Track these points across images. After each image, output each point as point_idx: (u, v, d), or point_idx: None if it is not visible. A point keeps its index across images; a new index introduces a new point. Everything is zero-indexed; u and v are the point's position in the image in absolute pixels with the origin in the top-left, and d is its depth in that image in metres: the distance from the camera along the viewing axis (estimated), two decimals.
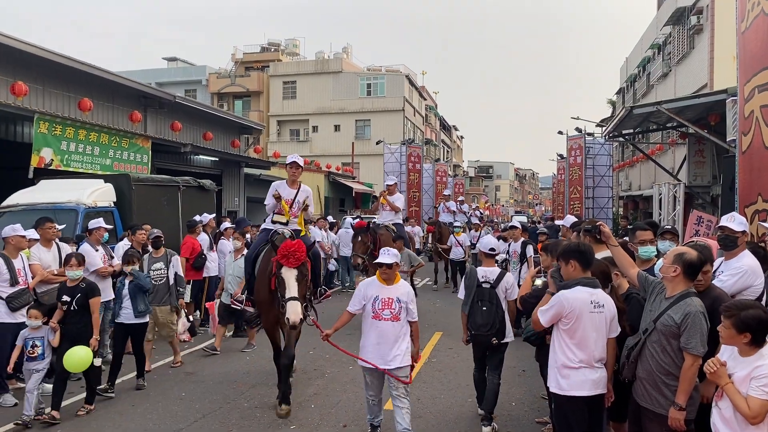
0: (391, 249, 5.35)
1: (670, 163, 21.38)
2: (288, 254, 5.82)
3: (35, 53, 13.31)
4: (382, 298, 5.25)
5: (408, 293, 5.36)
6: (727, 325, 3.29)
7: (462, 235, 15.86)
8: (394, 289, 5.30)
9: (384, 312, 5.22)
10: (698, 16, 19.19)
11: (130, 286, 7.30)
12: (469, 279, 6.27)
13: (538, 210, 64.00)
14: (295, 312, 5.61)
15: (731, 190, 8.26)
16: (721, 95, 11.29)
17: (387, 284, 5.31)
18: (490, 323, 5.99)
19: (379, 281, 5.34)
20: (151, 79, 35.48)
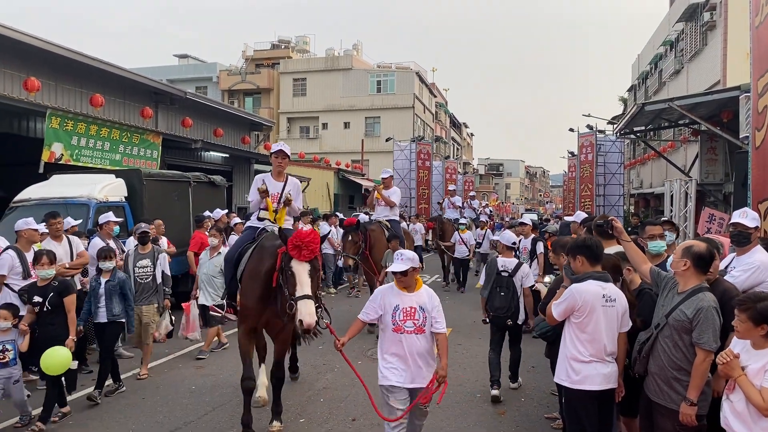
0: (405, 252, 4.63)
1: (682, 161, 21.23)
2: (301, 245, 5.00)
3: (48, 49, 13.40)
4: (403, 307, 4.54)
5: (432, 299, 4.62)
6: (743, 319, 3.26)
7: (467, 233, 15.19)
8: (416, 297, 4.60)
9: (406, 324, 4.52)
10: (711, 13, 19.01)
11: (106, 285, 6.80)
12: (489, 267, 7.16)
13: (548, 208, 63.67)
14: (310, 313, 4.82)
15: (744, 187, 8.19)
16: (734, 92, 11.19)
17: (408, 291, 4.63)
18: (506, 306, 6.89)
19: (398, 288, 4.65)
20: (163, 75, 35.58)
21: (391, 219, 11.13)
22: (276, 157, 6.35)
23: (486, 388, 7.11)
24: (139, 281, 7.56)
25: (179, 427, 5.98)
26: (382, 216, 11.14)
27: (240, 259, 6.03)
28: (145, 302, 7.56)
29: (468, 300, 13.60)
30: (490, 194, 66.23)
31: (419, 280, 4.69)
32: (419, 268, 4.66)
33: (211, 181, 13.20)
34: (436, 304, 4.63)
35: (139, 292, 7.50)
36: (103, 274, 6.90)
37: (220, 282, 8.23)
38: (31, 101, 12.14)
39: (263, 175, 6.44)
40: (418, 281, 4.68)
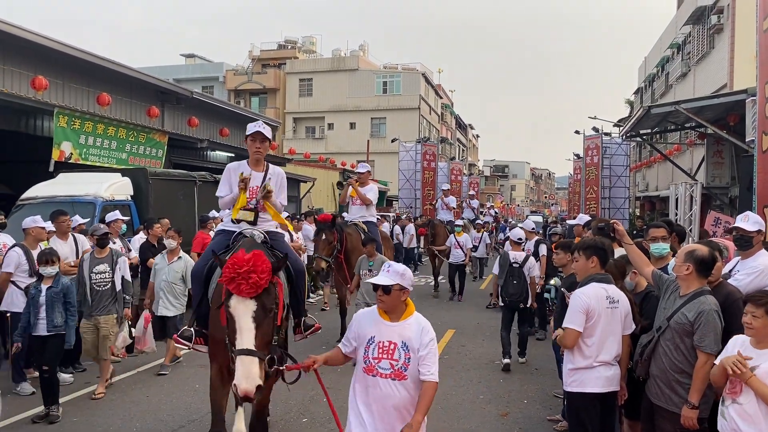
0: (395, 264, 3.56)
1: (688, 164, 21.17)
2: (237, 276, 3.54)
3: (55, 48, 13.49)
4: (379, 341, 3.42)
5: (423, 335, 3.44)
6: (760, 314, 3.27)
7: (463, 236, 14.20)
8: (399, 328, 3.45)
9: (381, 364, 3.40)
10: (718, 16, 18.95)
11: (48, 292, 6.07)
12: (502, 260, 8.54)
13: (554, 210, 63.62)
14: (248, 376, 3.40)
15: (749, 191, 8.17)
16: (741, 95, 11.16)
17: (390, 318, 3.49)
18: (519, 293, 8.17)
19: (378, 313, 3.54)
20: (169, 75, 35.70)
21: (368, 220, 9.86)
22: (252, 140, 4.98)
23: (488, 389, 7.15)
24: (96, 288, 6.74)
25: (183, 425, 6.01)
26: (357, 216, 9.84)
27: (211, 274, 4.75)
28: (102, 312, 6.73)
29: (472, 301, 13.61)
30: (495, 196, 66.20)
31: (410, 306, 3.55)
32: (409, 289, 3.51)
33: (217, 180, 13.16)
34: (427, 341, 3.43)
35: (96, 301, 6.73)
36: (44, 280, 6.15)
37: (182, 289, 7.69)
38: (39, 100, 12.22)
39: (237, 163, 5.16)
40: (408, 307, 3.54)
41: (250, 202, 4.93)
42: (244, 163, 5.13)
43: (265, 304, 3.63)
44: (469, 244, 14.40)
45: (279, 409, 6.35)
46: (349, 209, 10.12)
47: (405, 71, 47.22)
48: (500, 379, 7.60)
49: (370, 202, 9.80)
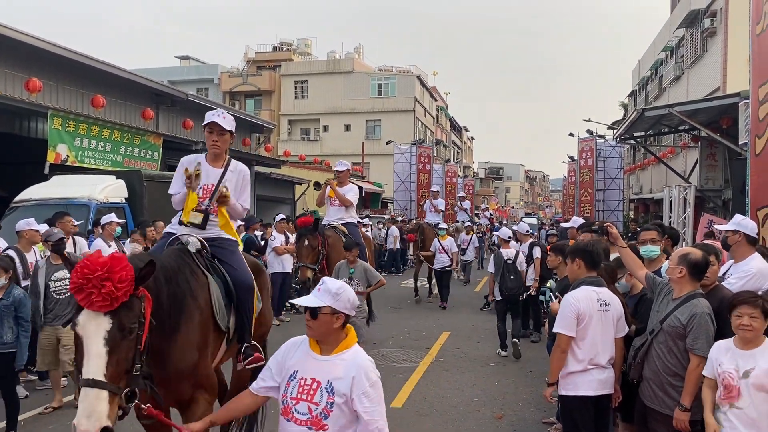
0: (329, 282, 2.82)
1: (681, 167, 21.25)
2: (87, 284, 2.74)
3: (49, 50, 13.45)
4: (301, 377, 2.77)
5: (360, 376, 2.70)
6: (758, 314, 3.31)
7: (447, 240, 13.51)
8: (328, 364, 2.76)
9: (298, 407, 2.74)
10: (712, 19, 19.05)
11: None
12: (497, 258, 9.06)
13: (548, 212, 63.77)
14: (89, 413, 2.64)
15: (742, 194, 8.22)
16: (734, 98, 11.21)
17: (319, 351, 2.80)
18: (517, 286, 8.88)
19: (309, 343, 2.86)
20: (164, 77, 35.63)
21: (347, 222, 9.18)
22: (209, 132, 4.29)
23: (483, 392, 7.17)
24: (56, 297, 6.29)
25: None
26: (335, 219, 9.16)
27: None
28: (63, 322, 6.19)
29: (467, 303, 13.62)
30: (490, 198, 66.29)
31: (350, 337, 2.85)
32: (345, 314, 2.78)
33: None
34: (364, 383, 2.68)
35: (56, 310, 6.28)
36: None
37: None
38: (33, 102, 12.18)
39: (193, 156, 4.51)
40: (348, 338, 2.83)
41: (202, 202, 4.23)
42: (201, 157, 4.47)
43: (123, 322, 2.78)
44: (455, 248, 13.71)
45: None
46: (327, 211, 9.38)
47: (400, 74, 47.28)
48: (495, 382, 7.61)
49: (350, 203, 9.13)
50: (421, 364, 8.35)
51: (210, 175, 4.33)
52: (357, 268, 7.67)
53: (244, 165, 4.63)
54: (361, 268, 7.68)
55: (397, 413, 6.39)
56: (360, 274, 7.66)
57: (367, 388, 2.70)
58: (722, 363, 3.39)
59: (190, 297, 3.62)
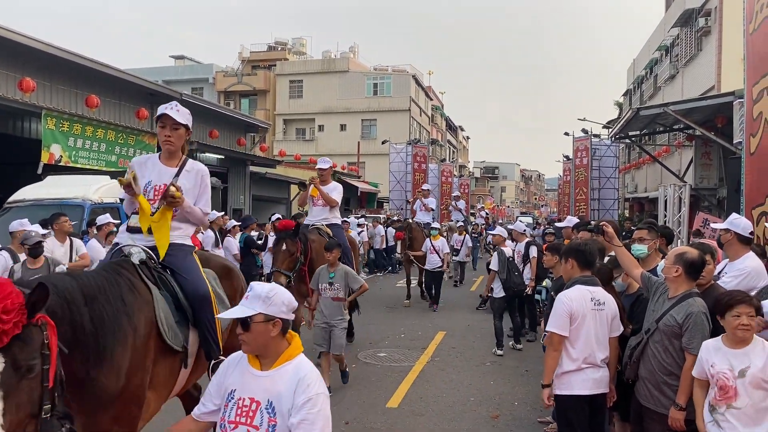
0: (257, 286, 2.52)
1: (676, 166, 21.31)
2: None
3: (43, 49, 13.40)
4: (239, 398, 2.50)
5: (297, 391, 2.40)
6: (753, 313, 3.32)
7: (440, 240, 13.10)
8: (268, 381, 2.47)
9: (236, 431, 2.46)
10: (706, 18, 19.12)
11: None
12: (501, 256, 9.26)
13: (543, 211, 63.92)
14: None
15: (737, 192, 8.23)
16: (729, 97, 11.26)
17: (259, 366, 2.53)
18: (521, 281, 9.28)
19: (247, 358, 2.57)
20: (159, 76, 35.55)
21: (332, 223, 8.69)
22: (162, 126, 3.90)
23: (479, 391, 7.17)
24: None
25: None
26: (319, 219, 8.65)
27: None
28: None
29: (462, 303, 13.62)
30: (485, 197, 66.37)
31: (293, 346, 2.54)
32: (282, 319, 2.47)
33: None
34: (302, 402, 2.38)
35: None
36: None
37: None
38: (26, 102, 12.13)
39: (145, 157, 4.16)
40: (290, 348, 2.53)
41: (153, 205, 3.82)
42: (154, 157, 4.06)
43: (18, 359, 2.27)
44: (446, 249, 13.29)
45: None
46: (310, 211, 8.87)
47: (395, 73, 47.29)
48: (491, 381, 7.61)
49: (335, 203, 8.62)
50: (417, 363, 8.34)
51: (163, 175, 3.91)
52: (337, 272, 6.95)
53: (203, 165, 4.18)
54: (342, 272, 6.98)
55: (393, 413, 6.38)
56: (341, 279, 6.93)
57: (303, 402, 2.36)
58: (714, 364, 3.37)
59: (124, 316, 3.19)
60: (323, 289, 6.96)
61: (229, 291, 4.27)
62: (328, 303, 6.92)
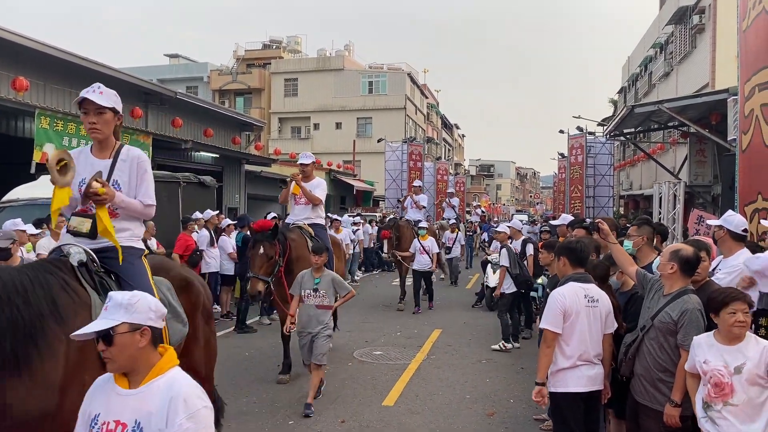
0: (116, 295, 2.26)
1: (671, 163, 21.37)
2: None
3: (36, 48, 13.34)
4: (104, 422, 2.20)
5: (170, 410, 2.13)
6: (746, 309, 3.32)
7: (428, 240, 12.66)
8: (136, 399, 2.18)
9: None
10: (700, 16, 19.16)
11: None
12: (510, 252, 9.41)
13: (539, 209, 63.99)
14: None
15: (731, 189, 8.26)
16: (723, 94, 11.28)
17: (126, 384, 2.24)
18: (529, 276, 9.46)
19: (113, 377, 2.26)
20: (153, 75, 35.43)
21: (314, 223, 8.03)
22: (84, 113, 3.49)
23: (475, 389, 7.18)
24: None
25: None
26: (301, 218, 7.99)
27: None
28: None
29: (458, 301, 13.64)
30: (481, 195, 66.43)
31: (166, 359, 2.27)
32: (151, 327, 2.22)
33: (201, 181, 13.17)
34: (179, 415, 2.12)
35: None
36: None
37: None
38: (20, 101, 12.07)
39: (78, 150, 3.73)
40: (162, 361, 2.26)
41: (90, 206, 3.46)
42: (86, 149, 3.67)
43: None
44: (436, 249, 12.82)
45: (266, 413, 6.32)
46: (291, 210, 8.23)
47: (390, 71, 47.27)
48: (486, 379, 7.62)
49: (318, 201, 7.94)
50: (413, 362, 8.34)
51: (96, 169, 3.47)
52: (323, 277, 6.41)
53: (140, 150, 3.75)
54: (329, 277, 6.46)
55: (389, 411, 6.38)
56: (327, 285, 6.40)
57: (182, 420, 2.09)
58: (708, 360, 3.36)
59: (51, 320, 2.82)
60: (307, 296, 6.36)
61: (187, 306, 3.90)
62: (311, 311, 6.33)
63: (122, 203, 3.50)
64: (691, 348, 3.51)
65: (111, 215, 3.47)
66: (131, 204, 3.56)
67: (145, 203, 3.64)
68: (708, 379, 3.35)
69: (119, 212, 3.56)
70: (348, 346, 9.12)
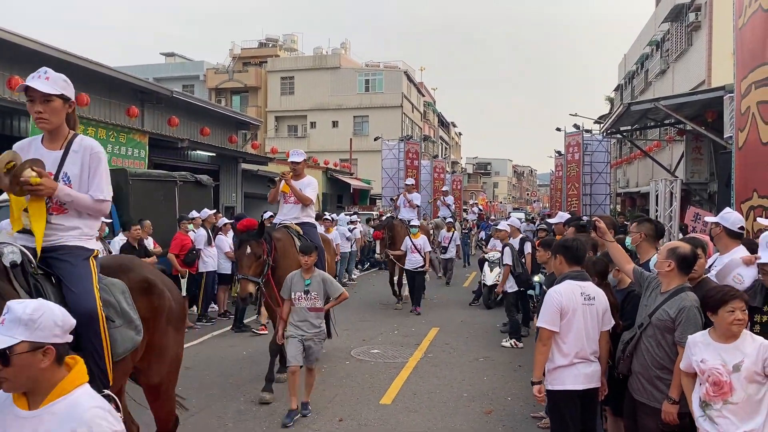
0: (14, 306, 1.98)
1: (667, 160, 21.41)
2: None
3: (31, 47, 13.30)
4: None
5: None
6: (744, 307, 3.31)
7: (420, 238, 12.24)
8: (34, 423, 1.96)
9: None
10: (696, 13, 19.19)
11: None
12: (513, 251, 9.70)
13: (536, 207, 64.13)
14: None
15: (727, 187, 8.29)
16: (719, 92, 11.31)
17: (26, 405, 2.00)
18: (529, 275, 9.63)
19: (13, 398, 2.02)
20: (149, 74, 35.32)
21: (303, 221, 7.61)
22: (30, 101, 3.26)
23: (472, 387, 7.20)
24: None
25: None
26: (290, 218, 7.60)
27: None
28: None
29: (456, 299, 13.64)
30: (478, 193, 66.46)
31: (72, 377, 2.04)
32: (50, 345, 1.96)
33: (198, 180, 13.15)
34: None
35: None
36: None
37: None
38: (15, 100, 12.03)
39: (28, 140, 3.53)
40: (70, 376, 2.03)
41: None
42: (36, 140, 3.43)
43: None
44: (428, 247, 12.42)
45: (263, 412, 6.32)
46: (280, 209, 7.81)
47: (387, 69, 47.26)
48: (484, 377, 7.63)
49: (308, 201, 7.52)
50: (411, 360, 8.35)
51: (47, 161, 3.24)
52: (314, 278, 6.03)
53: (94, 141, 3.49)
54: (319, 278, 6.06)
55: (387, 409, 6.39)
56: (317, 287, 6.02)
57: None
58: (705, 359, 3.34)
59: None
60: (298, 298, 6.00)
61: (146, 311, 3.63)
62: (304, 313, 5.99)
63: (67, 197, 3.23)
64: (686, 347, 3.50)
65: (58, 211, 3.28)
66: (79, 198, 3.29)
67: (95, 198, 3.37)
68: (706, 378, 3.33)
69: (67, 208, 3.31)
70: (345, 344, 9.12)
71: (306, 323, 6.00)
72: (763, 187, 6.44)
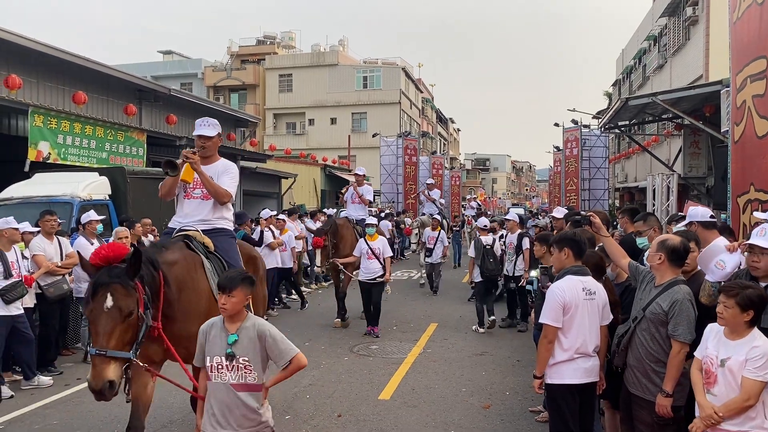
0: None
1: (665, 155, 21.41)
2: None
3: (29, 46, 13.30)
4: None
5: None
6: (731, 304, 3.26)
7: (378, 240, 9.81)
8: None
9: None
10: (693, 8, 19.18)
11: None
12: (477, 243, 10.10)
13: (535, 202, 64.13)
14: None
15: (724, 180, 8.30)
16: (716, 86, 11.31)
17: None
18: (496, 269, 9.95)
19: None
20: (147, 72, 35.30)
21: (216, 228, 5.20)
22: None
23: (471, 382, 7.21)
24: None
25: (165, 425, 5.97)
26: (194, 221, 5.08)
27: None
28: None
29: (454, 295, 13.66)
30: (477, 189, 66.46)
31: None
32: None
33: None
34: None
35: None
36: None
37: None
38: (13, 99, 12.03)
39: None
40: None
41: None
42: None
43: None
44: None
45: None
46: (180, 208, 5.23)
47: (385, 66, 47.23)
48: (482, 372, 7.65)
49: (225, 197, 4.92)
50: (409, 355, 8.37)
51: None
52: (243, 331, 3.52)
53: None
54: (253, 332, 3.53)
55: (386, 405, 6.41)
56: (250, 346, 3.53)
57: None
58: (708, 347, 3.39)
59: None
60: (216, 367, 3.50)
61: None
62: (225, 394, 3.49)
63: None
64: (704, 333, 3.50)
65: None
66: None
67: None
68: (702, 364, 3.41)
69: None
70: (344, 340, 9.14)
71: (233, 413, 3.48)
72: (759, 181, 6.46)
